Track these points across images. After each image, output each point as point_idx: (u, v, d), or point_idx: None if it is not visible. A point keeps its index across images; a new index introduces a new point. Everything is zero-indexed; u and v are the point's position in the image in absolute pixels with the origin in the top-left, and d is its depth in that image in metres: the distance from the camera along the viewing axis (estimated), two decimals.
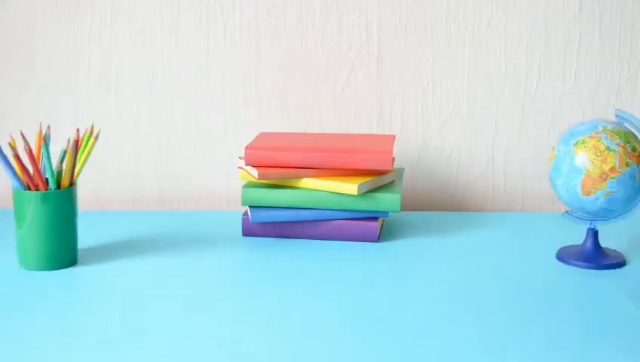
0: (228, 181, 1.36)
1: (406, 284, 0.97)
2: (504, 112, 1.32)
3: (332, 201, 1.13)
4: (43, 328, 0.83)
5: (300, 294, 0.94)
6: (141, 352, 0.78)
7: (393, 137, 1.23)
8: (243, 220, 1.16)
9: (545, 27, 1.30)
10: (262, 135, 1.24)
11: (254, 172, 1.14)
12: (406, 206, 1.35)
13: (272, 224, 1.15)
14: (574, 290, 0.95)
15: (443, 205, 1.35)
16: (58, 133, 1.35)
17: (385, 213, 1.13)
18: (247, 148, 1.14)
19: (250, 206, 1.15)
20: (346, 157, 1.13)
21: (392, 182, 1.19)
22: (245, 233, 1.16)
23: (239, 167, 1.17)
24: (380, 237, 1.16)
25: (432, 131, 1.33)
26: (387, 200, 1.12)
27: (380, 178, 1.15)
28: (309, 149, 1.14)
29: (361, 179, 1.13)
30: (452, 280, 0.99)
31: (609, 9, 1.29)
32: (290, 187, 1.14)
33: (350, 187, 1.11)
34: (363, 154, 1.13)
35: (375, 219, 1.14)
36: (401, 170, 1.25)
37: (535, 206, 1.35)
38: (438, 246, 1.12)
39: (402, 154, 1.34)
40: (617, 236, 1.16)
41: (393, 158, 1.13)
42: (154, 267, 1.03)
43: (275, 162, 1.14)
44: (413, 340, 0.81)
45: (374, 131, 1.33)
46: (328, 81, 1.32)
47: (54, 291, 0.94)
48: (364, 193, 1.12)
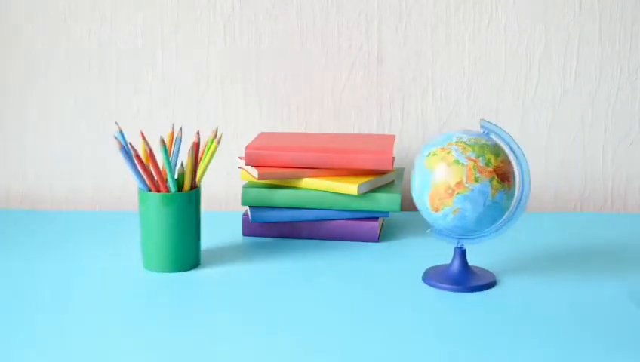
0: (228, 181, 1.36)
1: (406, 284, 0.97)
2: (504, 112, 1.32)
3: (332, 201, 1.13)
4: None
5: (300, 294, 0.94)
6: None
7: (393, 137, 1.23)
8: (243, 220, 1.16)
9: (545, 27, 1.30)
10: (262, 135, 1.24)
11: (254, 172, 1.14)
12: (406, 206, 1.35)
13: (272, 224, 1.15)
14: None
15: None
16: (58, 133, 1.35)
17: (385, 213, 1.13)
18: (247, 148, 1.14)
19: (250, 206, 1.15)
20: (346, 157, 1.13)
21: (392, 182, 1.19)
22: (245, 233, 1.16)
23: (239, 167, 1.17)
24: (380, 237, 1.16)
25: (432, 131, 1.33)
26: (387, 200, 1.12)
27: (380, 178, 1.15)
28: (309, 149, 1.14)
29: (361, 179, 1.13)
30: None
31: (609, 9, 1.29)
32: (290, 187, 1.14)
33: (350, 187, 1.11)
34: (363, 154, 1.13)
35: (375, 219, 1.14)
36: (401, 170, 1.25)
37: (536, 206, 1.35)
38: (438, 246, 1.12)
39: (402, 154, 1.34)
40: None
41: (393, 158, 1.13)
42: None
43: (275, 162, 1.14)
44: (413, 340, 0.81)
45: (374, 131, 1.33)
46: (328, 81, 1.32)
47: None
48: (364, 193, 1.12)
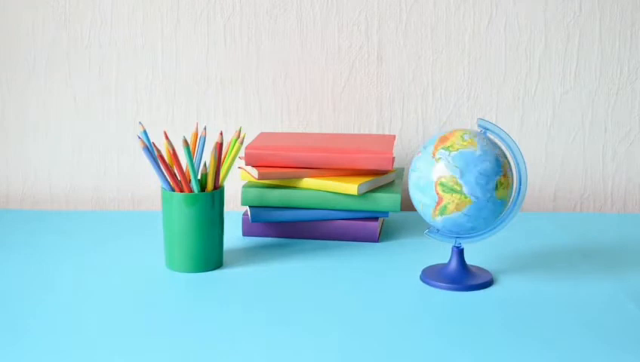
0: (228, 181, 1.36)
1: (405, 284, 0.97)
2: (504, 112, 1.32)
3: (332, 201, 1.13)
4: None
5: (300, 294, 0.94)
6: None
7: (393, 137, 1.23)
8: (243, 220, 1.16)
9: (545, 27, 1.30)
10: (262, 135, 1.24)
11: (254, 172, 1.14)
12: (406, 206, 1.35)
13: (272, 224, 1.15)
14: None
15: None
16: (58, 133, 1.35)
17: (385, 213, 1.13)
18: (247, 148, 1.14)
19: (250, 206, 1.15)
20: (346, 157, 1.13)
21: (392, 182, 1.19)
22: (245, 233, 1.16)
23: (239, 167, 1.17)
24: (380, 237, 1.16)
25: (432, 131, 1.33)
26: (387, 200, 1.12)
27: (380, 178, 1.15)
28: (309, 149, 1.14)
29: (361, 179, 1.13)
30: None
31: (609, 9, 1.29)
32: (290, 187, 1.14)
33: (350, 187, 1.11)
34: (363, 154, 1.13)
35: (375, 219, 1.14)
36: (401, 170, 1.25)
37: (534, 205, 1.35)
38: (438, 246, 1.12)
39: (402, 154, 1.34)
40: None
41: (393, 158, 1.13)
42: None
43: (275, 162, 1.14)
44: (411, 339, 0.81)
45: (374, 131, 1.33)
46: (328, 81, 1.32)
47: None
48: (364, 193, 1.12)
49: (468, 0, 1.29)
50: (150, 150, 0.99)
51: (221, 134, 1.02)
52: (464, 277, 0.97)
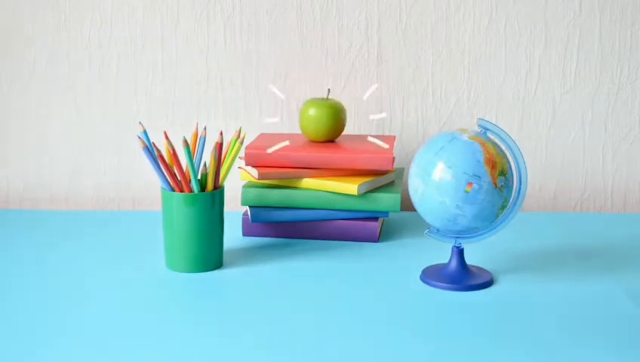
0: (228, 181, 1.36)
1: (405, 284, 0.97)
2: (504, 112, 1.32)
3: (332, 201, 1.13)
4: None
5: (300, 294, 0.94)
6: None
7: (393, 138, 1.23)
8: (243, 220, 1.16)
9: (545, 27, 1.30)
10: (262, 135, 1.24)
11: (254, 172, 1.14)
12: (406, 206, 1.35)
13: (272, 224, 1.15)
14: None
15: None
16: (58, 133, 1.35)
17: (385, 213, 1.13)
18: (247, 148, 1.14)
19: (250, 206, 1.15)
20: (346, 157, 1.13)
21: (392, 182, 1.19)
22: (245, 233, 1.16)
23: (239, 167, 1.17)
24: (380, 237, 1.16)
25: (432, 131, 1.33)
26: (387, 200, 1.12)
27: (380, 178, 1.15)
28: (309, 149, 1.14)
29: (361, 179, 1.13)
30: None
31: (609, 9, 1.29)
32: (290, 187, 1.14)
33: (350, 187, 1.11)
34: (363, 154, 1.13)
35: (375, 219, 1.14)
36: (401, 170, 1.25)
37: (534, 205, 1.35)
38: (438, 246, 1.12)
39: (402, 154, 1.34)
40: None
41: (393, 158, 1.13)
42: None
43: (275, 162, 1.14)
44: (411, 339, 0.81)
45: (374, 131, 1.33)
46: (328, 81, 1.32)
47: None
48: (364, 193, 1.12)
49: (468, 0, 1.29)
50: (150, 150, 0.99)
51: (221, 134, 1.02)
52: (464, 277, 0.97)
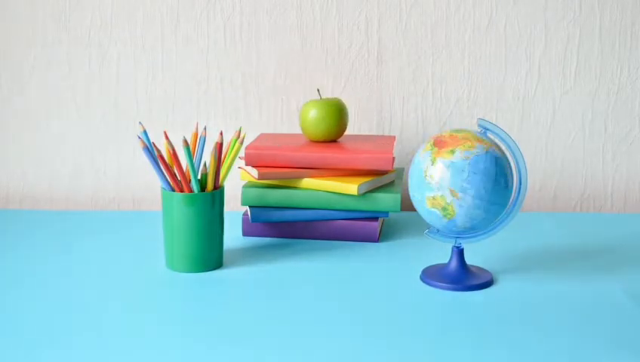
0: (228, 181, 1.36)
1: (405, 284, 0.97)
2: (504, 112, 1.32)
3: (332, 201, 1.13)
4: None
5: (300, 294, 0.94)
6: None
7: (394, 138, 1.23)
8: (243, 220, 1.16)
9: (545, 27, 1.30)
10: (262, 135, 1.24)
11: (254, 172, 1.14)
12: (406, 206, 1.35)
13: (272, 224, 1.15)
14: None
15: None
16: (58, 133, 1.35)
17: (385, 213, 1.13)
18: (247, 148, 1.14)
19: (250, 206, 1.15)
20: (346, 157, 1.13)
21: (392, 182, 1.19)
22: (245, 233, 1.16)
23: (239, 167, 1.17)
24: (380, 237, 1.16)
25: (432, 131, 1.33)
26: (387, 200, 1.12)
27: (380, 178, 1.15)
28: (309, 149, 1.14)
29: (361, 179, 1.13)
30: None
31: (609, 9, 1.29)
32: (290, 187, 1.14)
33: (350, 187, 1.11)
34: (363, 154, 1.13)
35: (375, 219, 1.14)
36: (400, 170, 1.25)
37: (534, 205, 1.35)
38: (438, 246, 1.12)
39: (402, 154, 1.34)
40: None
41: (393, 158, 1.13)
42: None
43: (275, 162, 1.14)
44: (411, 339, 0.81)
45: (374, 131, 1.33)
46: (328, 81, 1.32)
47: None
48: (364, 193, 1.12)
49: (468, 0, 1.29)
50: (150, 150, 0.99)
51: (221, 134, 1.02)
52: (464, 277, 0.97)
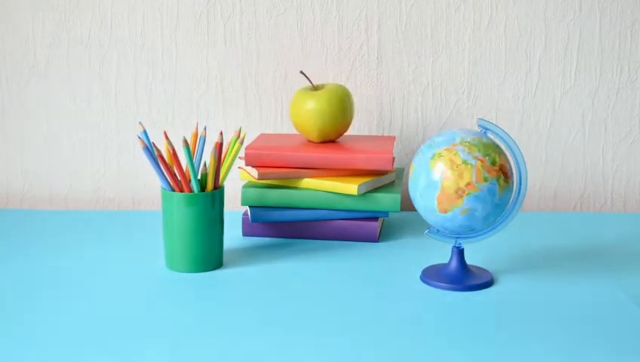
0: (228, 181, 1.36)
1: (405, 284, 0.97)
2: (504, 112, 1.32)
3: (332, 201, 1.13)
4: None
5: (300, 294, 0.94)
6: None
7: (394, 138, 1.23)
8: (243, 220, 1.16)
9: (545, 27, 1.30)
10: (262, 135, 1.24)
11: (254, 172, 1.14)
12: (406, 206, 1.35)
13: (272, 224, 1.15)
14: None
15: None
16: (58, 133, 1.35)
17: (385, 213, 1.13)
18: (247, 148, 1.14)
19: (250, 206, 1.15)
20: (346, 157, 1.13)
21: (392, 182, 1.19)
22: (245, 233, 1.16)
23: (239, 167, 1.17)
24: (380, 237, 1.16)
25: (432, 131, 1.33)
26: (387, 200, 1.12)
27: (380, 178, 1.15)
28: (309, 149, 1.14)
29: (361, 180, 1.13)
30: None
31: (609, 9, 1.29)
32: (290, 187, 1.14)
33: (350, 187, 1.11)
34: (363, 154, 1.13)
35: (375, 219, 1.14)
36: (400, 170, 1.25)
37: (534, 205, 1.35)
38: (438, 246, 1.12)
39: (402, 154, 1.34)
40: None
41: (393, 158, 1.13)
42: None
43: (275, 162, 1.14)
44: (411, 339, 0.81)
45: (374, 131, 1.33)
46: (328, 81, 1.32)
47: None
48: (364, 193, 1.12)
49: (468, 0, 1.29)
50: (150, 150, 0.99)
51: (221, 134, 1.02)
52: (464, 277, 0.97)
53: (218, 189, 1.01)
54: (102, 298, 0.92)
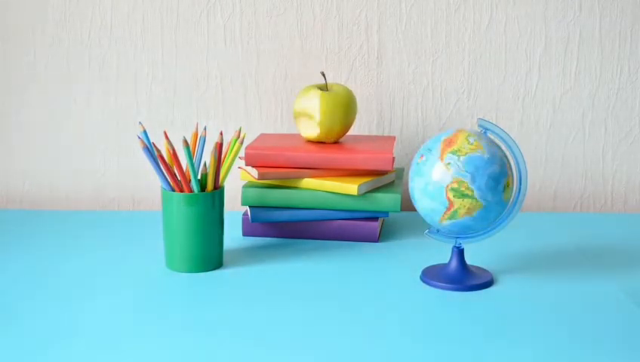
0: (228, 181, 1.36)
1: (405, 284, 0.97)
2: (504, 112, 1.32)
3: (332, 201, 1.13)
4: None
5: (300, 294, 0.94)
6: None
7: (394, 138, 1.23)
8: (243, 220, 1.16)
9: (545, 27, 1.30)
10: (262, 135, 1.24)
11: (254, 172, 1.14)
12: (406, 206, 1.35)
13: (272, 224, 1.15)
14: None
15: None
16: (58, 133, 1.35)
17: (385, 213, 1.13)
18: (247, 148, 1.14)
19: (250, 206, 1.15)
20: (346, 157, 1.13)
21: (392, 182, 1.19)
22: (245, 233, 1.16)
23: (239, 167, 1.17)
24: (380, 237, 1.16)
25: (432, 131, 1.33)
26: (387, 200, 1.12)
27: (380, 178, 1.15)
28: (309, 149, 1.14)
29: (361, 180, 1.13)
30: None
31: (609, 9, 1.29)
32: (290, 187, 1.14)
33: (350, 187, 1.11)
34: (363, 154, 1.13)
35: (375, 219, 1.14)
36: (400, 170, 1.25)
37: (534, 205, 1.35)
38: (439, 246, 1.12)
39: (402, 154, 1.34)
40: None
41: (393, 158, 1.13)
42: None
43: (275, 162, 1.14)
44: (411, 339, 0.81)
45: (374, 131, 1.33)
46: (328, 81, 1.32)
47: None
48: (364, 193, 1.12)
49: (468, 0, 1.29)
50: (150, 150, 0.99)
51: (221, 134, 1.02)
52: (464, 277, 0.97)
53: (218, 189, 1.01)
54: (102, 298, 0.92)
